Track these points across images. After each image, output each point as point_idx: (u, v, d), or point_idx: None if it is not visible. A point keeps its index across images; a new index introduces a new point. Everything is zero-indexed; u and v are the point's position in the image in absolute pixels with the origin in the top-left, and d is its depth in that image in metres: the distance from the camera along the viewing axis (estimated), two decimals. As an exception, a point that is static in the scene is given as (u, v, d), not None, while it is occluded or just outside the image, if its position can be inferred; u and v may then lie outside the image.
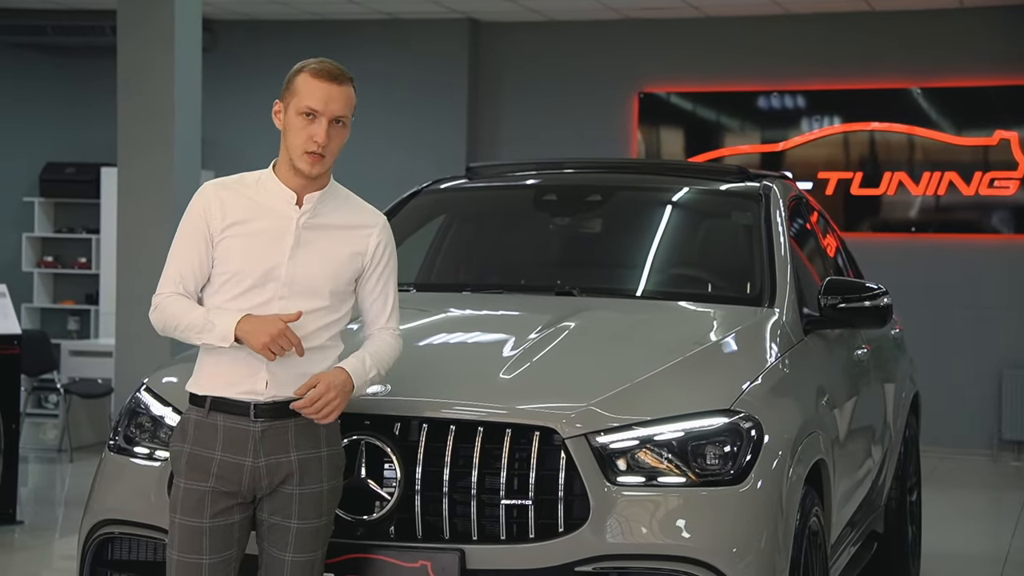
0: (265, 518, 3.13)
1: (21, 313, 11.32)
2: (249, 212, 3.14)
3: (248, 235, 3.12)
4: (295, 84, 3.12)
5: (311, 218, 3.15)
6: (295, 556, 3.11)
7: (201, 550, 3.09)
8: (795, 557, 3.44)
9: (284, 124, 3.14)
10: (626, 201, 4.92)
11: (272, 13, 11.22)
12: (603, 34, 11.00)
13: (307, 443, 3.11)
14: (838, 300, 4.26)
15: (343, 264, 3.17)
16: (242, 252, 3.11)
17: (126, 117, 7.91)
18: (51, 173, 11.86)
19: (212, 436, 3.10)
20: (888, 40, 10.40)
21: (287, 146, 3.14)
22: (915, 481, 5.92)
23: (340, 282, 3.17)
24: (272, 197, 3.16)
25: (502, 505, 3.22)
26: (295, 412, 3.09)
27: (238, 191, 3.17)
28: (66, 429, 9.42)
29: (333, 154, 3.15)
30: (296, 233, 3.13)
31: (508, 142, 11.17)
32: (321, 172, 3.14)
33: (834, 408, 4.19)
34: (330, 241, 3.16)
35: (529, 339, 3.69)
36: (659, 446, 3.29)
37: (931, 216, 10.41)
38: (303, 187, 3.16)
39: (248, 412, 3.09)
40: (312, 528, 3.13)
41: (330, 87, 3.12)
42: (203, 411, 3.12)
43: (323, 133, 3.09)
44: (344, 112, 3.14)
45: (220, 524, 3.09)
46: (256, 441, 3.09)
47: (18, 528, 6.98)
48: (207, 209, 3.14)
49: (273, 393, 3.09)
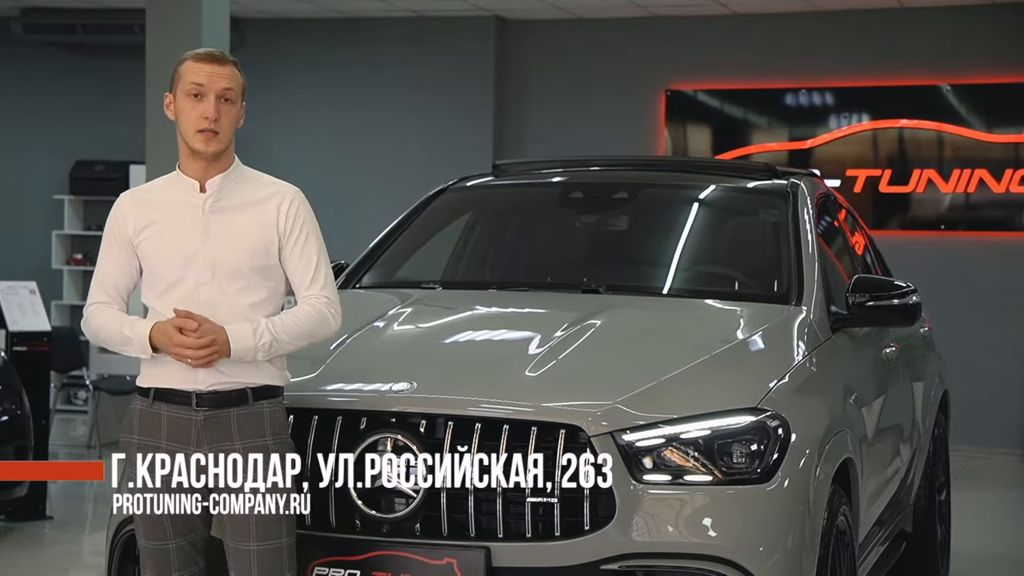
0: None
1: (51, 310, 11.40)
2: (158, 211, 3.23)
3: (160, 232, 3.20)
4: (180, 71, 3.23)
5: (216, 201, 3.22)
6: (260, 544, 3.14)
7: (166, 536, 3.18)
8: (822, 556, 3.43)
9: (175, 112, 3.23)
10: (652, 199, 4.90)
11: (299, 11, 11.24)
12: (630, 31, 10.98)
13: (251, 433, 3.15)
14: (866, 298, 4.23)
15: (255, 238, 3.21)
16: (158, 249, 3.20)
17: (154, 115, 7.94)
18: (80, 171, 11.94)
19: (157, 426, 3.16)
20: (917, 36, 10.33)
21: (181, 132, 3.21)
22: (944, 480, 5.88)
23: (257, 257, 3.21)
24: (178, 191, 3.24)
25: (528, 503, 3.21)
26: (236, 401, 3.15)
27: (148, 195, 3.28)
28: (95, 425, 9.49)
29: (227, 131, 3.20)
30: (204, 218, 3.20)
31: (534, 140, 11.15)
32: (218, 150, 3.19)
33: (862, 407, 4.17)
34: (238, 219, 3.21)
35: (555, 337, 3.68)
36: (685, 444, 3.28)
37: (961, 214, 10.34)
38: (204, 173, 3.22)
39: (190, 401, 3.14)
40: (273, 515, 3.14)
41: (212, 67, 3.20)
42: (147, 401, 3.18)
43: (212, 108, 3.16)
44: (230, 86, 3.20)
45: (179, 516, 3.16)
46: (199, 431, 3.14)
47: (48, 523, 7.03)
48: (122, 217, 3.25)
49: (214, 381, 3.14)
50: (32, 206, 12.11)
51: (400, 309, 4.06)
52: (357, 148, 11.32)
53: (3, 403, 6.68)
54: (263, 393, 3.19)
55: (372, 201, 10.46)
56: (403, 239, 4.82)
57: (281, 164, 3.22)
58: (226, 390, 3.16)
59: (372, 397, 3.40)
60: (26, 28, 11.59)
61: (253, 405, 3.17)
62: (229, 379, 3.15)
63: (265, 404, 3.19)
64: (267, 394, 3.20)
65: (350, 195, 10.91)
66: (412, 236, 4.84)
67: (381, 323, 3.90)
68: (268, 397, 3.20)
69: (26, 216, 12.12)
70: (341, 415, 3.34)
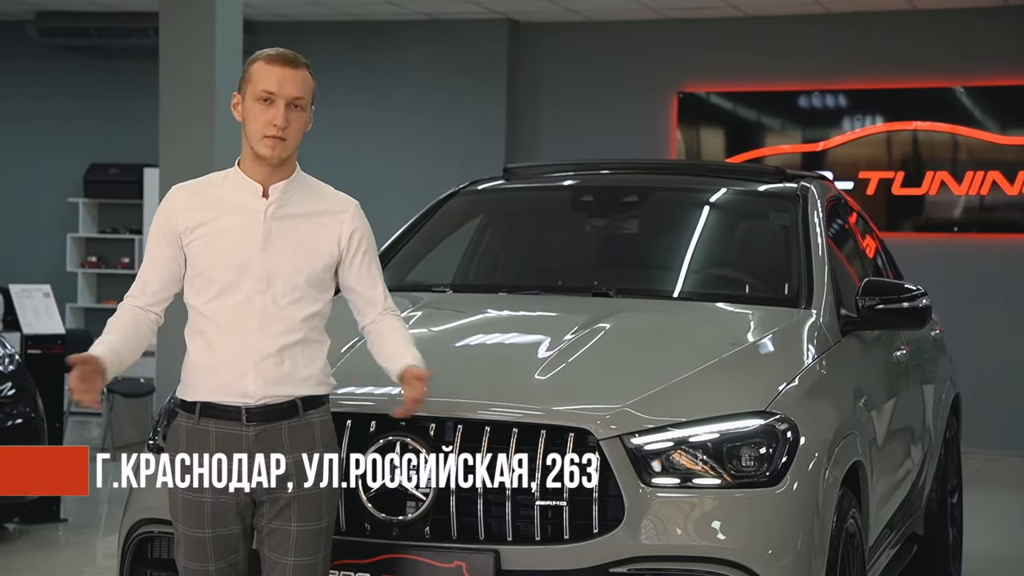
0: (265, 523, 3.10)
1: (65, 313, 11.45)
2: (215, 210, 3.11)
3: (216, 233, 3.09)
4: (250, 72, 3.10)
5: (279, 208, 3.11)
6: (297, 560, 3.08)
7: (206, 558, 3.09)
8: (832, 559, 3.43)
9: (243, 114, 3.12)
10: (663, 202, 4.91)
11: (312, 14, 11.28)
12: (642, 34, 10.98)
13: (302, 444, 3.09)
14: (876, 301, 4.23)
15: (317, 252, 3.12)
16: (210, 252, 3.09)
17: (168, 118, 7.99)
18: (95, 174, 11.99)
19: (205, 443, 3.07)
20: (931, 38, 10.32)
21: (247, 135, 3.11)
22: (956, 483, 5.87)
23: (316, 270, 3.12)
24: (238, 192, 3.12)
25: (537, 506, 3.22)
26: (287, 414, 3.07)
27: (203, 191, 3.16)
28: (109, 428, 9.52)
29: (294, 138, 3.09)
30: (265, 225, 3.09)
31: (547, 143, 11.17)
32: (283, 156, 3.09)
33: (872, 410, 4.17)
34: (301, 229, 3.12)
35: (565, 340, 3.69)
36: (694, 447, 3.29)
37: (974, 216, 10.32)
38: (268, 178, 3.11)
39: (239, 416, 3.06)
40: (313, 531, 3.10)
41: (284, 70, 3.07)
42: (194, 417, 3.09)
43: (281, 115, 3.05)
44: (301, 94, 3.08)
45: (222, 533, 3.08)
46: (250, 445, 3.05)
47: (62, 526, 7.06)
48: (172, 212, 3.14)
49: (263, 395, 3.05)
50: (47, 209, 12.17)
51: (411, 312, 4.07)
52: (369, 150, 11.35)
53: (18, 406, 6.71)
54: (312, 403, 3.11)
55: (384, 203, 10.46)
56: (414, 242, 4.83)
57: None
58: (276, 402, 3.06)
59: (382, 400, 3.40)
60: (41, 32, 11.65)
61: (304, 416, 3.09)
62: (278, 391, 3.07)
63: (314, 414, 3.11)
64: (315, 403, 3.12)
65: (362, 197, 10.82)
66: (423, 239, 4.86)
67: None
68: (317, 407, 3.13)
69: (41, 219, 12.18)
70: (351, 418, 3.34)
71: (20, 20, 11.75)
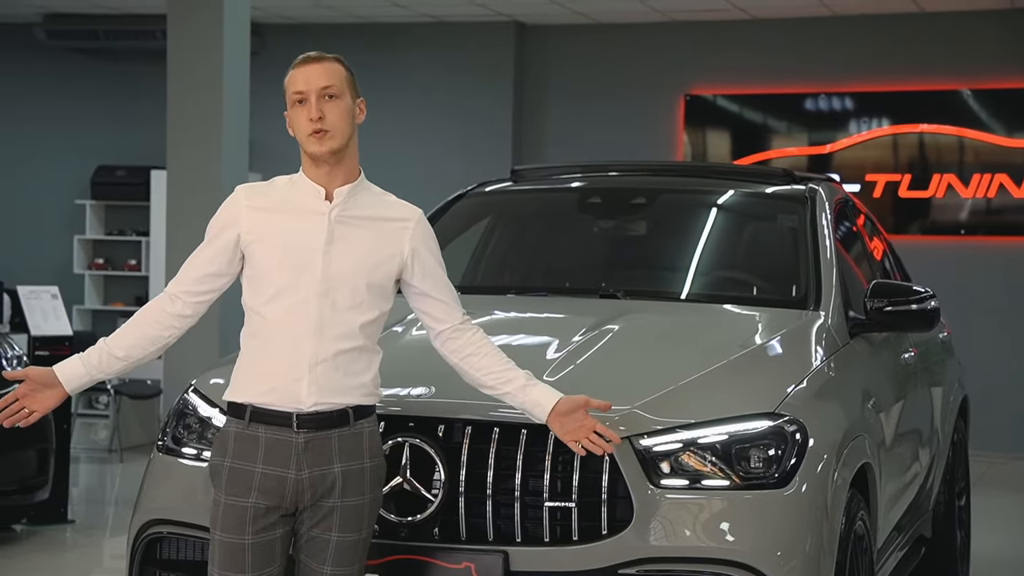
0: (304, 531, 3.08)
1: (72, 315, 11.47)
2: (279, 211, 3.10)
3: (277, 234, 3.07)
4: (285, 85, 3.12)
5: (343, 211, 3.08)
6: (334, 569, 3.07)
7: (244, 568, 3.03)
8: (840, 561, 3.42)
9: (292, 127, 3.13)
10: (671, 204, 4.91)
11: (319, 17, 11.29)
12: (649, 36, 10.99)
13: (350, 454, 3.07)
14: (884, 303, 4.23)
15: (379, 256, 3.10)
16: (271, 252, 3.07)
17: (175, 120, 7.99)
18: (102, 176, 12.02)
19: (253, 449, 3.03)
20: (937, 41, 10.31)
21: (300, 143, 3.11)
22: (964, 485, 5.86)
23: (377, 276, 3.09)
24: (302, 195, 3.10)
25: (546, 507, 3.22)
26: (339, 422, 3.05)
27: (268, 192, 3.15)
28: (116, 429, 9.53)
29: (339, 128, 3.07)
30: (329, 227, 3.06)
31: (553, 145, 11.17)
32: (334, 147, 3.06)
33: (880, 412, 4.16)
34: (364, 234, 3.09)
35: (573, 342, 3.70)
36: (703, 449, 3.29)
37: (981, 219, 10.31)
38: (330, 181, 3.09)
39: (291, 423, 3.02)
40: (352, 541, 3.09)
41: (308, 68, 3.08)
42: (243, 423, 3.05)
43: (314, 108, 3.04)
44: (330, 82, 3.07)
45: (262, 540, 3.03)
46: (299, 453, 3.02)
47: (69, 527, 7.07)
48: (235, 210, 3.12)
49: (315, 401, 3.02)
50: (54, 211, 12.19)
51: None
52: (376, 152, 11.31)
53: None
54: (362, 412, 3.09)
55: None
56: (422, 244, 4.83)
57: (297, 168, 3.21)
58: (328, 410, 3.03)
59: (390, 401, 3.40)
60: (49, 34, 11.68)
61: (354, 426, 3.07)
62: (331, 398, 3.04)
63: (364, 424, 3.09)
64: (365, 413, 3.10)
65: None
66: (431, 241, 4.85)
67: (400, 328, 3.91)
68: (366, 416, 3.11)
69: (48, 221, 12.20)
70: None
71: (28, 22, 11.78)
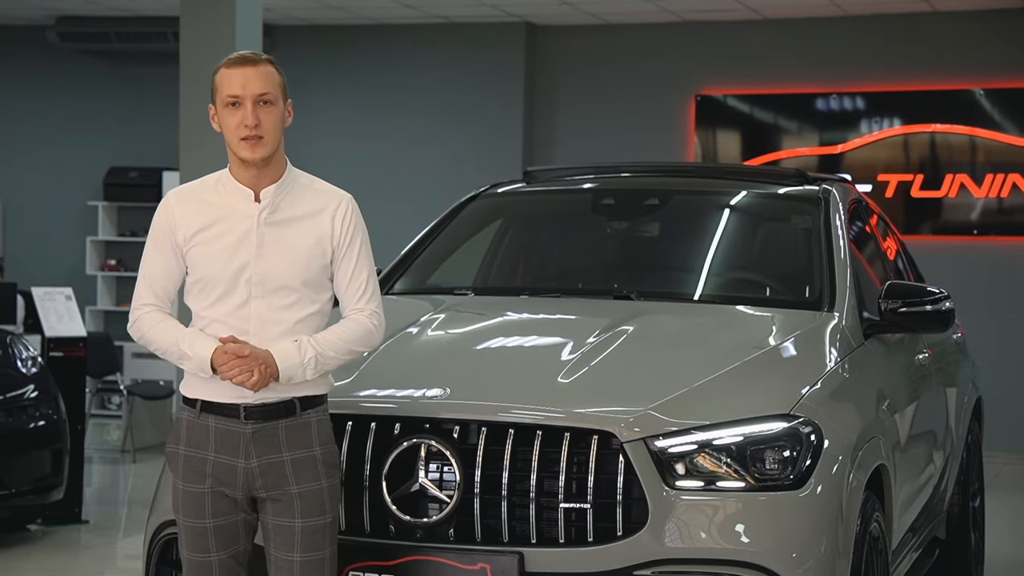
0: (269, 520, 3.15)
1: (85, 316, 11.49)
2: (211, 217, 3.15)
3: (213, 239, 3.14)
4: (216, 82, 3.14)
5: (271, 213, 3.14)
6: (303, 556, 3.13)
7: (208, 548, 3.15)
8: (855, 563, 3.42)
9: (219, 124, 3.16)
10: (684, 205, 4.91)
11: (330, 18, 11.31)
12: (659, 37, 10.98)
13: (298, 443, 3.14)
14: (899, 304, 4.22)
15: (310, 253, 3.15)
16: (210, 257, 3.13)
17: (187, 122, 8.01)
18: (114, 177, 12.04)
19: (204, 437, 3.13)
20: (949, 40, 10.29)
21: (227, 142, 3.14)
22: (978, 487, 5.85)
23: (312, 272, 3.15)
24: (231, 197, 3.16)
25: (561, 508, 3.22)
26: (285, 413, 3.12)
27: (199, 197, 3.19)
28: (129, 430, 9.56)
29: (271, 135, 3.11)
30: (259, 231, 3.13)
31: (565, 146, 11.17)
32: (265, 155, 3.11)
33: (895, 413, 4.16)
34: (294, 233, 3.15)
35: (587, 343, 3.70)
36: (718, 451, 3.29)
37: (994, 218, 10.28)
38: (257, 181, 3.14)
39: (238, 414, 3.11)
40: (317, 526, 3.14)
41: (244, 71, 3.11)
42: (195, 412, 3.15)
43: (250, 114, 3.08)
44: (265, 90, 3.10)
45: (223, 523, 3.15)
46: (248, 442, 3.11)
47: (83, 527, 7.09)
48: (169, 219, 3.18)
49: (262, 395, 3.10)
50: (66, 212, 12.22)
51: (433, 315, 4.08)
52: (387, 153, 11.37)
53: (40, 408, 6.75)
54: (310, 403, 3.17)
55: (402, 206, 10.51)
56: (435, 245, 4.84)
57: (310, 169, 3.21)
58: (274, 402, 3.12)
59: (406, 403, 3.42)
60: (61, 36, 11.71)
61: (301, 416, 3.15)
62: (276, 391, 3.11)
63: (312, 414, 3.17)
64: (313, 403, 3.18)
65: (379, 201, 10.94)
66: (444, 242, 4.87)
67: (414, 329, 3.92)
68: (315, 406, 3.18)
69: (60, 222, 12.23)
70: (375, 421, 3.36)
71: (40, 24, 11.82)
